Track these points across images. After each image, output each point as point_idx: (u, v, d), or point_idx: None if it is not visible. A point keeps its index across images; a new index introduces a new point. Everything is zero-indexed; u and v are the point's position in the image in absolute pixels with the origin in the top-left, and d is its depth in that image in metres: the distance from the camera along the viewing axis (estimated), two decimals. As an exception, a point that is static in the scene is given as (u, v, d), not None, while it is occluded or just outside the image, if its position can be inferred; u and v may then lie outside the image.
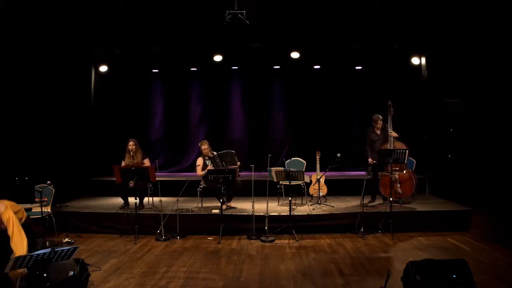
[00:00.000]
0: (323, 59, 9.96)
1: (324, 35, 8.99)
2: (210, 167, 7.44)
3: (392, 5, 8.07)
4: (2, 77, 7.50)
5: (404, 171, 7.36)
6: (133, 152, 7.63)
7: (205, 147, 7.59)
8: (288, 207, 6.79)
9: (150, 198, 7.98)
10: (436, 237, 6.59)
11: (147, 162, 7.67)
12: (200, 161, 7.61)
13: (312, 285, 4.78)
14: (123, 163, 7.65)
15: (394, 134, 7.40)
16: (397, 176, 7.20)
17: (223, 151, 7.68)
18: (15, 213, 4.48)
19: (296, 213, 7.11)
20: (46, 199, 6.57)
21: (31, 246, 4.48)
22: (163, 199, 7.19)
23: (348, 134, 10.14)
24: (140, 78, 10.47)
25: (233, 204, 7.64)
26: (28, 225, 4.67)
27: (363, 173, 7.86)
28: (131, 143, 7.65)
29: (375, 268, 5.25)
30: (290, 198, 6.81)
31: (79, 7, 7.87)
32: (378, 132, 7.60)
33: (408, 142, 7.63)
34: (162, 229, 6.79)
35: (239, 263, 5.57)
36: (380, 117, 7.52)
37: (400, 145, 7.29)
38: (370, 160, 7.55)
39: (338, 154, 7.18)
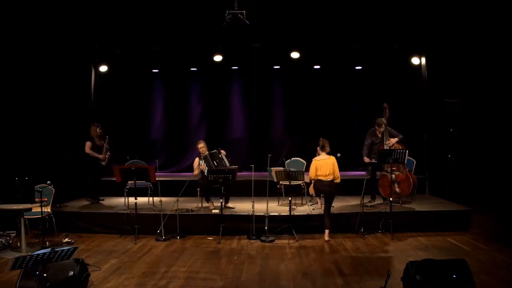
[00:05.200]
0: (323, 59, 9.94)
1: (324, 35, 8.97)
2: (203, 166, 7.45)
3: (392, 5, 8.07)
4: (2, 77, 7.50)
5: (402, 171, 7.36)
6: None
7: (201, 145, 7.62)
8: (288, 207, 6.79)
9: (150, 198, 8.00)
10: (436, 237, 6.60)
11: (87, 146, 7.99)
12: (196, 162, 7.65)
13: (312, 285, 4.78)
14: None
15: (392, 141, 7.42)
16: (393, 176, 7.20)
17: (213, 151, 7.66)
18: None
19: (296, 213, 7.11)
20: (46, 199, 6.57)
21: None
22: (163, 199, 7.19)
23: (348, 134, 10.12)
24: (140, 78, 10.45)
25: (230, 204, 7.65)
26: None
27: (363, 173, 7.86)
28: None
29: (375, 268, 5.26)
30: (290, 198, 6.81)
31: (80, 7, 7.87)
32: (380, 135, 7.62)
33: (408, 142, 7.63)
34: (162, 229, 6.79)
35: (239, 263, 5.57)
36: (385, 121, 7.53)
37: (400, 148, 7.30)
38: (367, 159, 7.57)
39: (338, 154, 7.17)
